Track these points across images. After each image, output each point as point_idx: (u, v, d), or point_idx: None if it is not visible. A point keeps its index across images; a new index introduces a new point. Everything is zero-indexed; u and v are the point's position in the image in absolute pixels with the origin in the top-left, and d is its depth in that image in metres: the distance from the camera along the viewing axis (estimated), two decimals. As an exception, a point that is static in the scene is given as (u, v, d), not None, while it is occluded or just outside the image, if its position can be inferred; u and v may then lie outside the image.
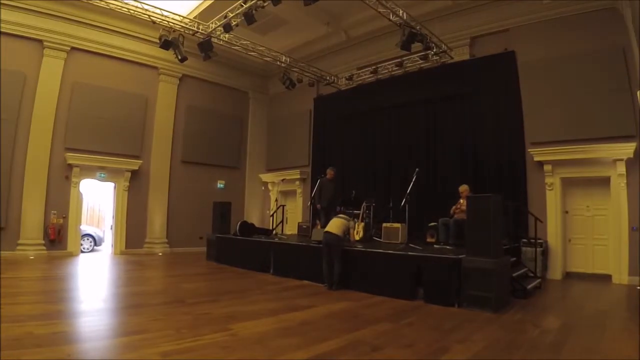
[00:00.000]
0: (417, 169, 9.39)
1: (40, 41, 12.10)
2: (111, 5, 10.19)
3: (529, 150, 9.98)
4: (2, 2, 11.17)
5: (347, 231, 8.11)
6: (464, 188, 8.85)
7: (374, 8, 9.69)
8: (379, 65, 12.58)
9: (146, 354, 3.88)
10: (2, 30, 11.36)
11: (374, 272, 7.52)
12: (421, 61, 11.39)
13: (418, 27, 10.03)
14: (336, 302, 6.69)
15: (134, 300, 6.75)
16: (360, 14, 12.40)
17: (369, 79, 13.18)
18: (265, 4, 9.34)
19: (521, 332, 4.99)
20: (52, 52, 12.35)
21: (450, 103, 11.38)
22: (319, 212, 10.67)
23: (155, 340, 4.32)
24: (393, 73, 12.46)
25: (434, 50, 10.75)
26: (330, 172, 10.77)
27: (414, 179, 9.19)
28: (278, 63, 13.23)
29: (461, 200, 8.70)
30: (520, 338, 4.73)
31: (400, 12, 9.72)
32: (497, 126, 10.51)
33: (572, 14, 9.71)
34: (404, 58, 11.64)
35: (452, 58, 11.20)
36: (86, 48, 13.00)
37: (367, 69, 13.00)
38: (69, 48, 12.60)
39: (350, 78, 13.52)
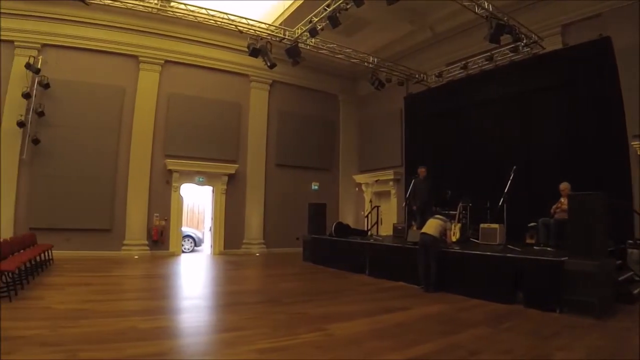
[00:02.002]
0: (514, 167, 9.12)
1: (136, 57, 13.42)
2: (199, 18, 10.82)
3: (632, 143, 9.13)
4: (97, 22, 12.53)
5: (444, 232, 8.09)
6: (564, 186, 8.42)
7: (457, 1, 9.56)
8: (468, 61, 12.34)
9: (243, 351, 4.12)
10: (99, 49, 12.82)
11: (471, 275, 7.50)
12: (511, 54, 11.01)
13: (505, 18, 9.73)
14: (432, 305, 6.74)
15: (232, 299, 7.23)
16: (444, 9, 12.26)
17: (459, 75, 12.93)
18: (348, 6, 9.47)
19: (626, 340, 4.81)
20: (148, 66, 13.61)
21: (544, 95, 10.72)
22: (414, 212, 10.52)
23: (251, 338, 4.56)
24: (483, 67, 12.11)
25: (524, 41, 10.33)
26: (422, 171, 10.57)
27: (511, 177, 8.94)
28: (365, 64, 13.47)
29: (562, 199, 8.32)
30: (625, 347, 4.59)
31: (485, 3, 9.50)
32: (596, 118, 9.68)
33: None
34: (494, 51, 11.32)
35: (543, 48, 10.64)
36: (179, 60, 14.10)
37: (456, 65, 12.80)
38: (162, 61, 13.80)
39: (439, 75, 13.41)
